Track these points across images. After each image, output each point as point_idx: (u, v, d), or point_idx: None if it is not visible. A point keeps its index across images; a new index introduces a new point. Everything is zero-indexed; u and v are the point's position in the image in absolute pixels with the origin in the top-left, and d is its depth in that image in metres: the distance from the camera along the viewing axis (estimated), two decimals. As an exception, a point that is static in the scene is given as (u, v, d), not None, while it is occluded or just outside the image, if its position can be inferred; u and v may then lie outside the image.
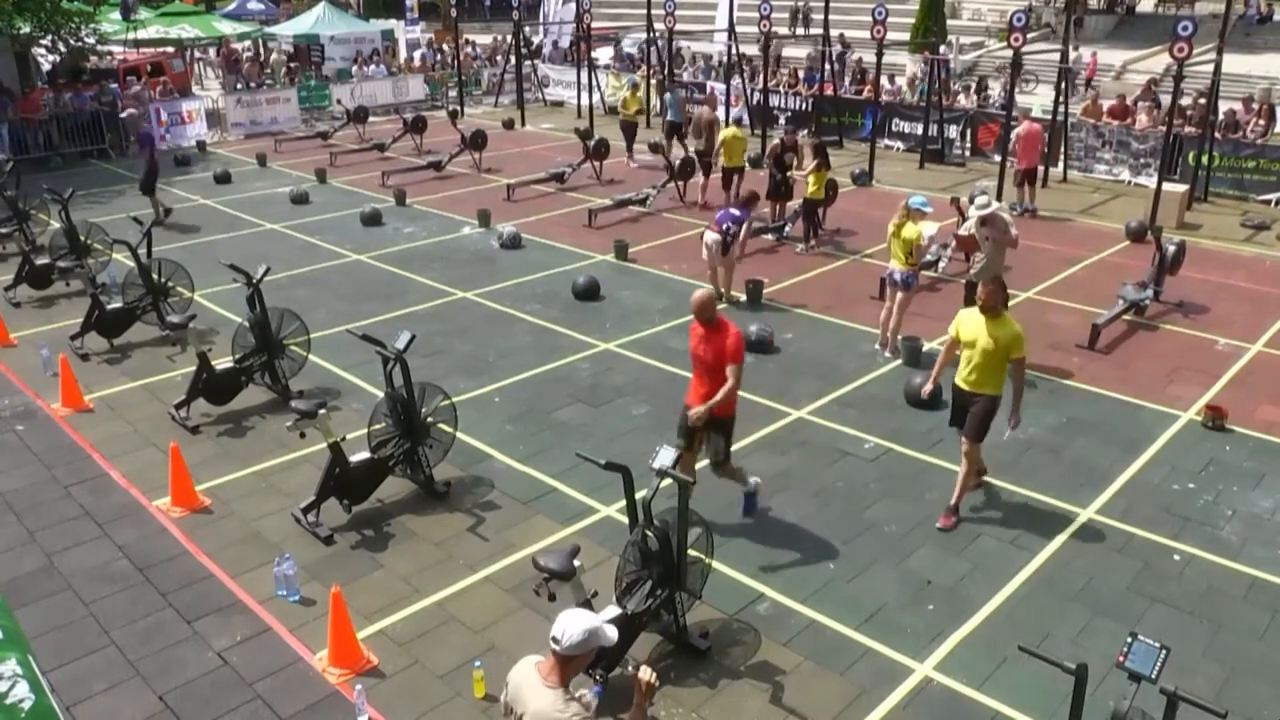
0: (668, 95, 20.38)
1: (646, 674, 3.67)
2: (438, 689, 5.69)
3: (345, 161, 20.29)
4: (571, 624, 3.49)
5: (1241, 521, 7.33)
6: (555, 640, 3.47)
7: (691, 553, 5.92)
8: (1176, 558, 6.89)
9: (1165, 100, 17.39)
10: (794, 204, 14.39)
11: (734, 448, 8.33)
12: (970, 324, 7.05)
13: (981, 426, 7.09)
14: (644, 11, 23.73)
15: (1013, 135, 15.97)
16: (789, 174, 14.46)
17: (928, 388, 7.55)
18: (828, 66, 21.65)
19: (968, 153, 19.80)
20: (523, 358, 10.29)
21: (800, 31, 33.63)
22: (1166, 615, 6.28)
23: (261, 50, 31.54)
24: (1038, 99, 22.73)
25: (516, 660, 3.80)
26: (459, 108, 25.01)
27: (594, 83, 24.80)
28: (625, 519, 6.20)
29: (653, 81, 24.98)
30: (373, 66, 28.14)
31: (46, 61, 24.48)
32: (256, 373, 9.23)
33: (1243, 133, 16.99)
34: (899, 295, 10.09)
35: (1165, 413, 9.05)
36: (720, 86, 23.96)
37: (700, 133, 16.63)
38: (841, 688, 5.67)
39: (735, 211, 11.46)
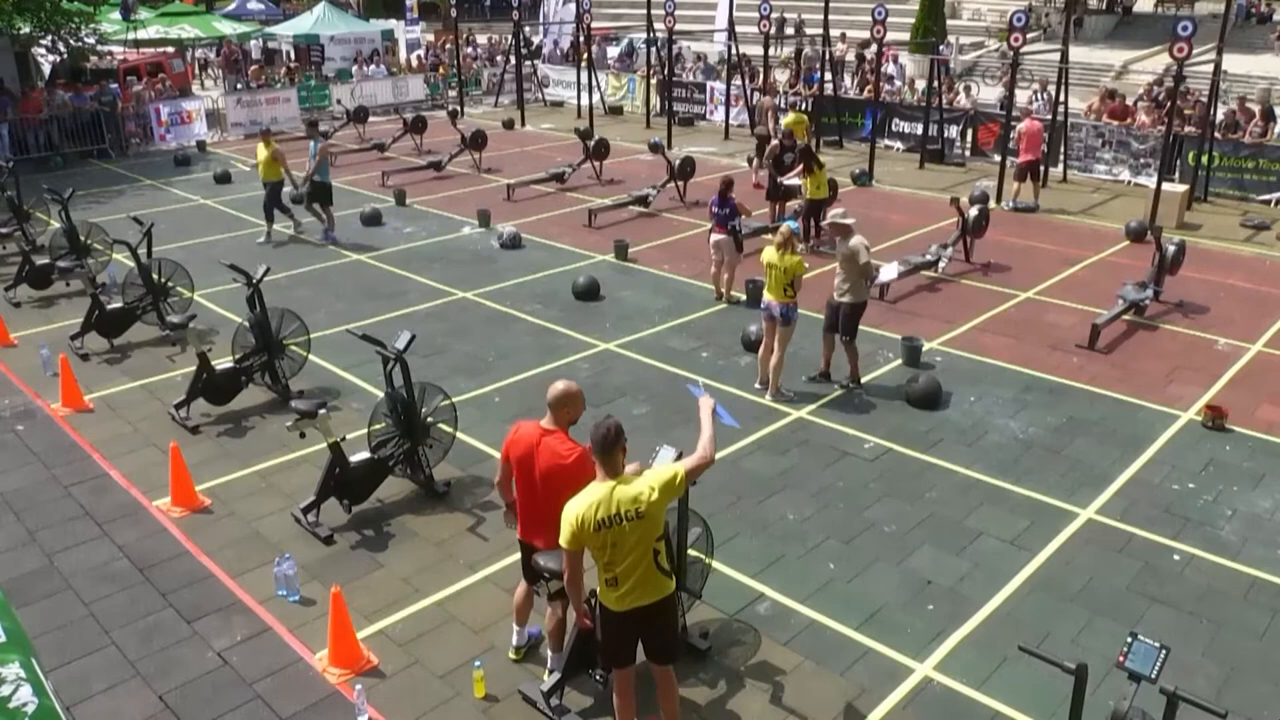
0: (312, 144, 14.59)
1: None
2: (438, 689, 5.68)
3: (345, 161, 20.25)
4: None
5: (1241, 521, 7.33)
6: None
7: (691, 553, 5.91)
8: (1176, 558, 6.89)
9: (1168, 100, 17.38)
10: (793, 204, 14.38)
11: (736, 447, 8.41)
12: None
13: None
14: (644, 11, 23.73)
15: (1014, 131, 16.08)
16: (780, 180, 14.47)
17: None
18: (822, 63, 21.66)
19: (968, 153, 19.81)
20: (523, 358, 10.29)
21: (789, 32, 33.52)
22: (1166, 615, 6.28)
23: (265, 46, 31.60)
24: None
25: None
26: (459, 108, 25.00)
27: (594, 83, 24.80)
28: (625, 519, 6.20)
29: (653, 82, 25.02)
30: (373, 66, 28.14)
31: (47, 62, 24.47)
32: (256, 373, 9.23)
33: (1242, 133, 16.98)
34: (779, 331, 9.10)
35: (1165, 412, 9.04)
36: (720, 86, 23.99)
37: (763, 117, 18.30)
38: (841, 688, 5.67)
39: (724, 211, 11.44)
